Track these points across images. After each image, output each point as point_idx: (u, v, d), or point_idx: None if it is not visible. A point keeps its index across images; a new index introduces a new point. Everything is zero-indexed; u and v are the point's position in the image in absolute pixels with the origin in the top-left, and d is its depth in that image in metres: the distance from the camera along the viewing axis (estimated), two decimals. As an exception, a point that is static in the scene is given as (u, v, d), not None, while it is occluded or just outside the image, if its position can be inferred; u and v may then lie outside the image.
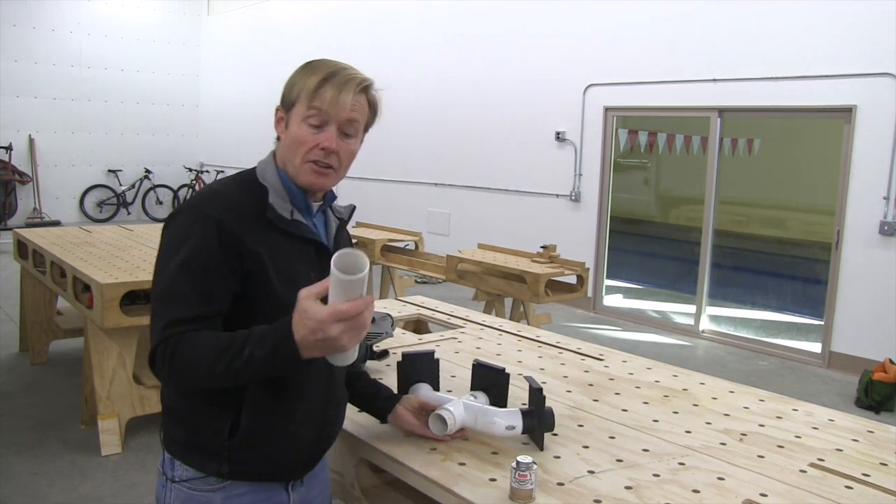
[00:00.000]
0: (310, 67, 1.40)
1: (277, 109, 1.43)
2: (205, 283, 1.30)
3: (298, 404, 1.41)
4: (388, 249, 6.23)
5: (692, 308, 6.71)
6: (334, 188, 1.52)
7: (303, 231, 1.42)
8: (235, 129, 12.69)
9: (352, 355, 1.29)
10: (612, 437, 1.71)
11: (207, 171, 13.47)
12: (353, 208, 1.60)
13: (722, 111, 6.37)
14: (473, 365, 1.82)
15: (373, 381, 1.74)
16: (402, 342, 2.49)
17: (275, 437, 1.40)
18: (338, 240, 1.53)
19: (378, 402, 1.69)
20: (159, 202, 13.15)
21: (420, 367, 1.82)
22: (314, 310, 1.17)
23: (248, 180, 1.43)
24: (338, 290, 1.17)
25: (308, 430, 1.45)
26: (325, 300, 1.19)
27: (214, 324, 1.32)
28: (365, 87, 1.42)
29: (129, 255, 4.28)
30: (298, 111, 1.38)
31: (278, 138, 1.45)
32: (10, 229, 7.31)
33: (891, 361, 5.00)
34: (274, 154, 1.47)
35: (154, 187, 13.09)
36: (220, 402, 1.36)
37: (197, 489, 1.40)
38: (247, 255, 1.33)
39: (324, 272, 1.39)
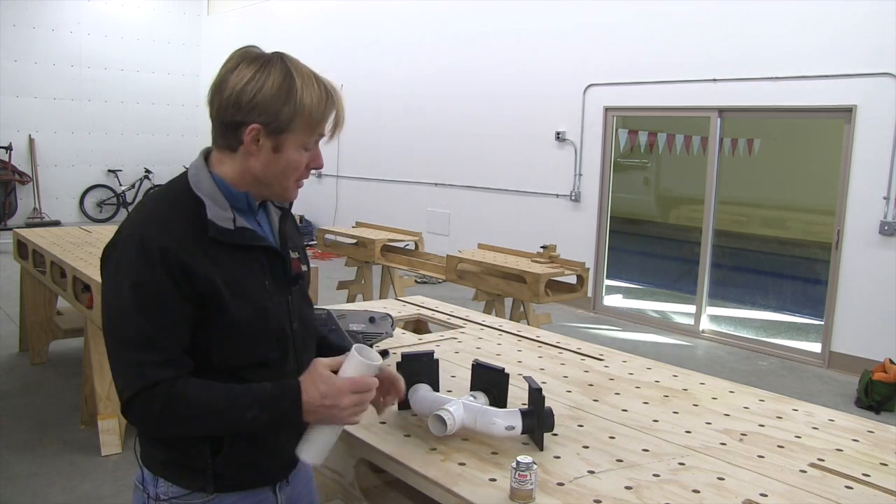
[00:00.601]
0: (301, 87, 1.29)
1: (253, 129, 1.28)
2: (166, 320, 1.24)
3: None
4: (388, 249, 6.23)
5: (692, 308, 6.71)
6: None
7: (248, 239, 1.34)
8: (235, 129, 12.67)
9: (321, 454, 1.37)
10: (612, 437, 1.71)
11: (207, 171, 13.47)
12: None
13: (722, 111, 6.37)
14: (473, 365, 1.82)
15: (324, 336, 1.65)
16: (401, 342, 2.49)
17: (257, 450, 1.38)
18: (283, 230, 1.45)
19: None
20: (159, 202, 13.15)
21: (420, 368, 1.81)
22: (331, 377, 1.29)
23: (181, 193, 1.33)
24: (353, 370, 1.33)
25: (289, 436, 1.41)
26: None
27: (186, 363, 1.27)
28: None
29: (129, 255, 4.27)
30: (298, 139, 1.31)
31: (233, 149, 1.33)
32: (10, 229, 7.31)
33: (891, 361, 5.00)
34: (206, 158, 1.37)
35: (154, 187, 13.08)
36: None
37: None
38: (199, 282, 1.26)
39: (276, 274, 1.40)
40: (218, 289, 1.27)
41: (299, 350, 1.44)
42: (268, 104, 1.27)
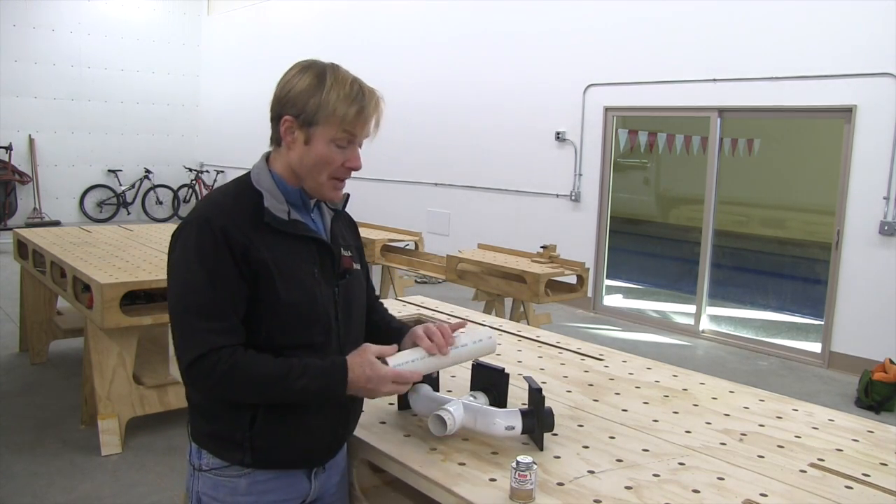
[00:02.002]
0: (333, 83, 1.41)
1: (286, 119, 1.43)
2: (228, 292, 1.38)
3: None
4: (388, 249, 6.23)
5: (692, 308, 6.71)
6: None
7: (301, 230, 1.47)
8: (235, 129, 12.69)
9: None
10: (612, 437, 1.70)
11: (207, 171, 13.47)
12: (347, 196, 1.63)
13: (722, 111, 6.37)
14: (473, 365, 1.82)
15: (384, 313, 1.82)
16: (402, 342, 2.49)
17: (293, 428, 1.47)
18: (334, 230, 1.57)
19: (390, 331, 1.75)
20: (159, 202, 13.15)
21: (420, 367, 1.81)
22: (378, 365, 1.44)
23: (244, 187, 1.48)
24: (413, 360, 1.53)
25: (326, 419, 1.51)
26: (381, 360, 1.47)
27: (243, 332, 1.41)
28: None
29: (129, 255, 4.28)
30: (326, 132, 1.42)
31: (278, 143, 1.47)
32: (10, 229, 7.31)
33: (891, 361, 5.00)
34: (267, 158, 1.51)
35: (154, 187, 13.09)
36: None
37: (223, 476, 1.48)
38: (253, 262, 1.39)
39: (325, 266, 1.51)
40: (269, 269, 1.40)
41: (343, 340, 1.54)
42: (298, 97, 1.42)
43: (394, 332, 1.72)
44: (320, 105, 1.40)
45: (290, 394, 1.38)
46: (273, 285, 1.41)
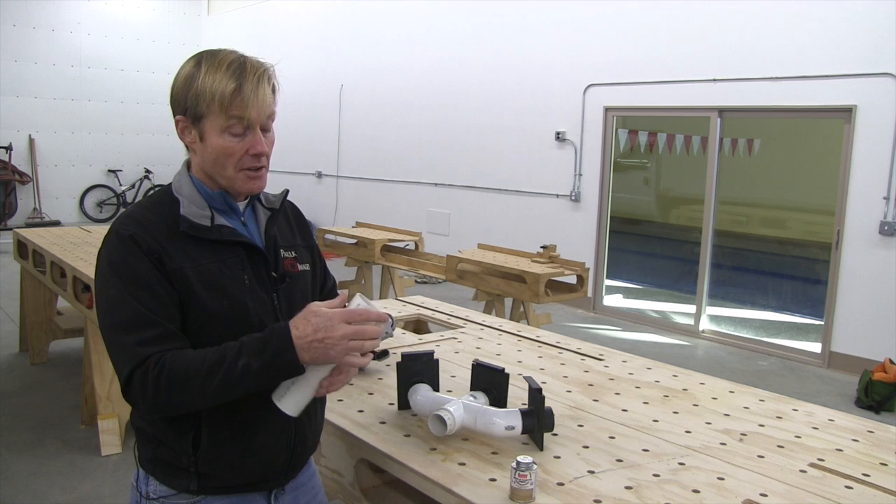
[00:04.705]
0: (208, 69, 1.31)
1: (178, 120, 1.35)
2: (153, 299, 1.26)
3: (259, 412, 1.36)
4: (388, 249, 6.23)
5: (692, 308, 6.70)
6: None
7: (225, 235, 1.36)
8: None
9: (299, 405, 1.29)
10: (612, 437, 1.71)
11: (207, 171, 13.47)
12: (285, 193, 1.53)
13: (722, 111, 6.37)
14: (473, 365, 1.82)
15: None
16: (402, 342, 2.49)
17: (239, 449, 1.36)
18: (270, 231, 1.44)
19: None
20: (159, 202, 13.15)
21: (420, 368, 1.81)
22: (323, 310, 1.23)
23: (161, 197, 1.39)
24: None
25: (276, 437, 1.39)
26: None
27: (179, 339, 1.28)
28: (272, 75, 1.36)
29: (129, 255, 4.27)
30: (215, 123, 1.31)
31: (187, 147, 1.39)
32: (10, 229, 7.31)
33: (891, 361, 5.00)
34: (188, 163, 1.42)
35: (154, 187, 13.07)
36: (179, 418, 1.32)
37: None
38: (169, 272, 1.29)
39: (258, 272, 1.39)
40: (188, 279, 1.29)
41: None
42: (179, 93, 1.33)
43: None
44: (198, 94, 1.29)
45: (236, 380, 1.21)
46: (196, 296, 1.29)
